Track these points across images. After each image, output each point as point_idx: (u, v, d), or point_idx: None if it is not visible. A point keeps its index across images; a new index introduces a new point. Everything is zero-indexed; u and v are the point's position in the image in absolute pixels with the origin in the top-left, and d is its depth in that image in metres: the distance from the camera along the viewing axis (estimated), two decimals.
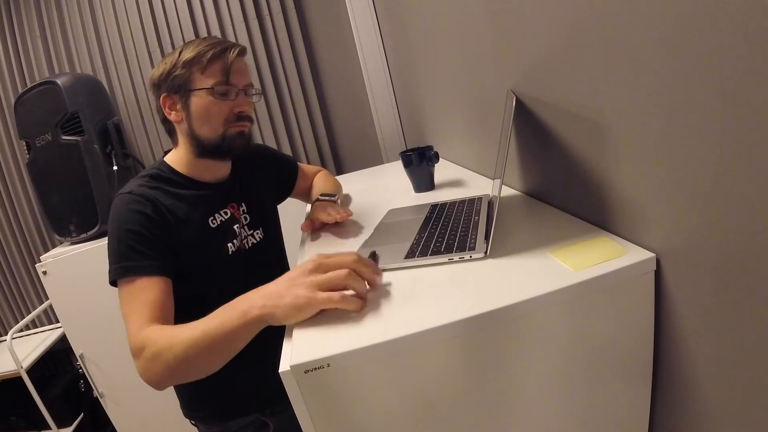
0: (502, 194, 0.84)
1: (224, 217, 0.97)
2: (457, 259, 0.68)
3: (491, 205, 0.86)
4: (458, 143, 1.35)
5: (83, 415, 2.10)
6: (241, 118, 0.92)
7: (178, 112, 0.91)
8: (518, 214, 0.84)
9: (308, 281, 0.59)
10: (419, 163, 1.15)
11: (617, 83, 0.56)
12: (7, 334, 1.94)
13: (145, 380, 0.72)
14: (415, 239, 0.78)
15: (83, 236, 1.85)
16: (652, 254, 0.57)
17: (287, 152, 2.24)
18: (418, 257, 0.70)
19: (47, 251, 1.99)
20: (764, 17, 0.36)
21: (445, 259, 0.68)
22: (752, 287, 0.44)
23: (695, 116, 0.46)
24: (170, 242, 0.86)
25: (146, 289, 0.79)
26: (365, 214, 1.08)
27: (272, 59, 2.16)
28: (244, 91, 0.92)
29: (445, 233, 0.77)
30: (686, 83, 0.46)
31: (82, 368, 1.86)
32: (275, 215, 1.14)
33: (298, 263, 0.85)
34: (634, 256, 0.57)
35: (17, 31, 2.11)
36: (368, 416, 0.54)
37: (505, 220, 0.81)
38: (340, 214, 0.99)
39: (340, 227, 1.01)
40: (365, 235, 0.91)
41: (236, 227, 0.98)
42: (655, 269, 0.57)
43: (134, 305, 0.77)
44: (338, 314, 0.60)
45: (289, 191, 1.25)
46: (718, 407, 0.53)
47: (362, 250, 0.81)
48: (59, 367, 2.31)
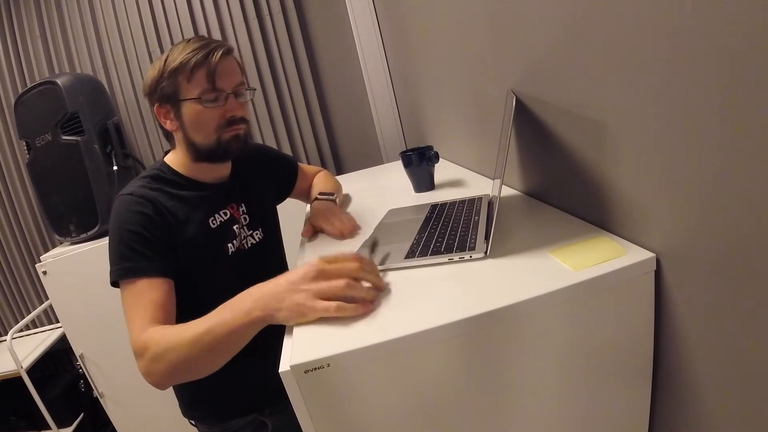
0: (502, 194, 0.84)
1: (224, 217, 0.97)
2: (457, 259, 0.68)
3: (491, 205, 0.86)
4: (458, 143, 1.35)
5: (83, 415, 2.10)
6: (233, 122, 0.90)
7: (172, 121, 0.91)
8: (518, 214, 0.84)
9: (309, 289, 0.60)
10: (419, 163, 1.15)
11: (617, 83, 0.56)
12: (7, 334, 1.94)
13: (148, 381, 0.73)
14: (415, 239, 0.78)
15: (83, 236, 1.85)
16: (652, 254, 0.57)
17: (287, 152, 2.24)
18: (418, 257, 0.70)
19: (47, 251, 1.99)
20: (764, 17, 0.36)
21: (445, 259, 0.68)
22: (752, 287, 0.44)
23: (695, 116, 0.46)
24: (171, 243, 0.86)
25: (148, 290, 0.79)
26: (365, 214, 1.08)
27: (272, 59, 2.16)
28: (234, 92, 0.90)
29: (445, 233, 0.77)
30: (686, 83, 0.46)
31: (82, 368, 1.86)
32: (275, 215, 1.14)
33: (297, 263, 0.85)
34: (634, 256, 0.57)
35: (17, 31, 2.11)
36: (368, 416, 0.54)
37: (505, 220, 0.81)
38: (345, 225, 0.96)
39: None
40: (365, 235, 0.91)
41: (236, 228, 0.98)
42: (655, 269, 0.57)
43: (136, 306, 0.78)
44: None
45: (289, 191, 1.25)
46: (718, 407, 0.53)
47: (362, 249, 0.81)
48: (59, 367, 2.31)
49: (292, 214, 1.32)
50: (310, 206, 1.18)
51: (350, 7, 2.04)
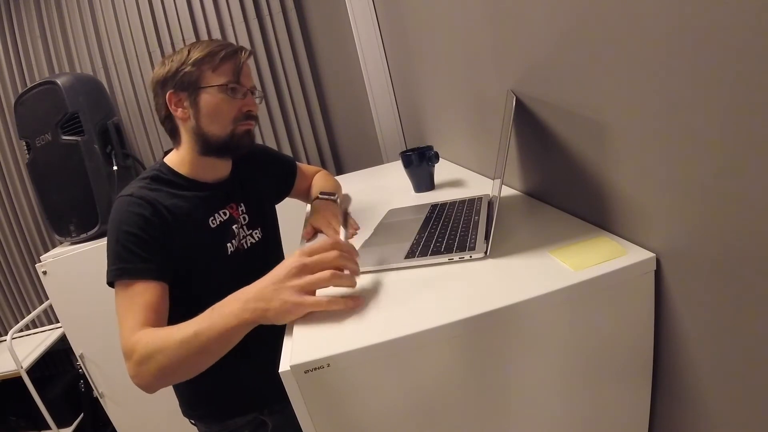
0: (502, 194, 0.84)
1: (223, 217, 0.97)
2: (457, 259, 0.68)
3: (491, 205, 0.86)
4: (458, 143, 1.35)
5: (83, 415, 2.10)
6: (249, 116, 0.93)
7: (185, 109, 0.91)
8: (518, 214, 0.84)
9: (294, 285, 0.60)
10: (419, 163, 1.15)
11: (617, 83, 0.56)
12: (7, 334, 1.94)
13: (136, 382, 0.72)
14: (415, 239, 0.78)
15: (83, 236, 1.85)
16: (652, 254, 0.57)
17: (287, 152, 2.24)
18: (418, 257, 0.70)
19: (47, 251, 1.99)
20: (764, 17, 0.36)
21: (445, 259, 0.68)
22: (752, 287, 0.44)
23: (695, 116, 0.46)
24: (169, 244, 0.86)
25: (141, 292, 0.79)
26: (365, 214, 1.08)
27: (272, 59, 2.16)
28: (251, 91, 0.94)
29: (445, 233, 0.77)
30: (686, 83, 0.46)
31: (82, 368, 1.86)
32: (274, 215, 1.14)
33: None
34: (634, 256, 0.57)
35: (17, 31, 2.11)
36: (368, 416, 0.54)
37: (505, 220, 0.81)
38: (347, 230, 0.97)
39: None
40: (365, 235, 0.91)
41: (235, 227, 0.98)
42: (655, 269, 0.57)
43: (129, 308, 0.78)
44: (338, 314, 0.60)
45: (287, 191, 1.25)
46: (718, 407, 0.53)
47: (361, 249, 0.81)
48: (59, 367, 2.31)
49: (291, 213, 1.32)
50: (310, 206, 1.18)
51: (350, 7, 2.04)
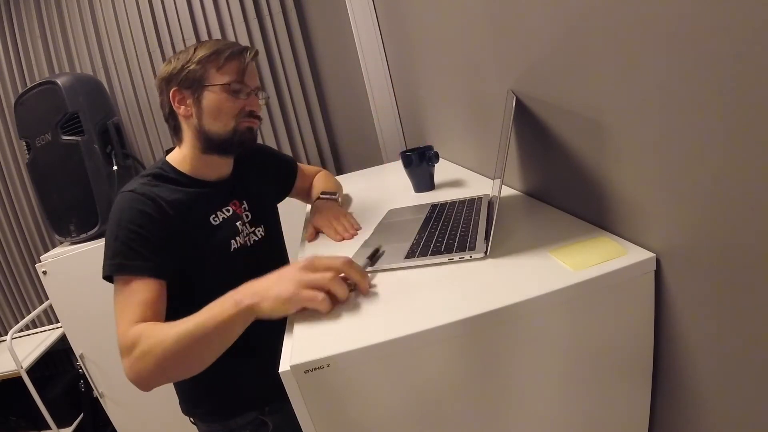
0: (502, 194, 0.84)
1: (226, 214, 0.97)
2: (457, 259, 0.68)
3: (491, 205, 0.86)
4: (458, 143, 1.35)
5: (83, 415, 2.10)
6: (251, 115, 0.94)
7: (188, 106, 0.91)
8: (518, 214, 0.84)
9: (296, 278, 0.61)
10: (419, 163, 1.15)
11: (617, 83, 0.56)
12: (7, 334, 1.94)
13: (131, 379, 0.72)
14: (415, 239, 0.78)
15: (83, 236, 1.85)
16: (652, 254, 0.57)
17: (287, 152, 2.24)
18: (418, 257, 0.70)
19: (47, 251, 1.99)
20: (764, 17, 0.36)
21: (445, 259, 0.68)
22: (752, 287, 0.44)
23: (695, 116, 0.46)
24: (171, 241, 0.86)
25: (140, 290, 0.79)
26: (365, 214, 1.08)
27: (272, 59, 2.16)
28: (255, 92, 0.94)
29: (445, 233, 0.77)
30: (686, 83, 0.46)
31: (82, 368, 1.86)
32: (276, 213, 1.15)
33: (299, 259, 0.85)
34: (634, 256, 0.57)
35: (17, 31, 2.11)
36: (368, 416, 0.54)
37: (505, 220, 0.81)
38: (347, 231, 0.96)
39: None
40: (365, 235, 0.91)
41: (239, 224, 0.98)
42: (655, 269, 0.57)
43: (126, 305, 0.78)
44: (338, 314, 0.60)
45: (288, 190, 1.25)
46: (718, 407, 0.53)
47: (363, 249, 0.81)
48: (59, 367, 2.31)
49: (293, 212, 1.32)
50: (311, 206, 1.18)
51: (350, 7, 2.04)
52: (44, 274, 1.77)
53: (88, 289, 1.74)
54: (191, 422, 1.06)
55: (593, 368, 0.59)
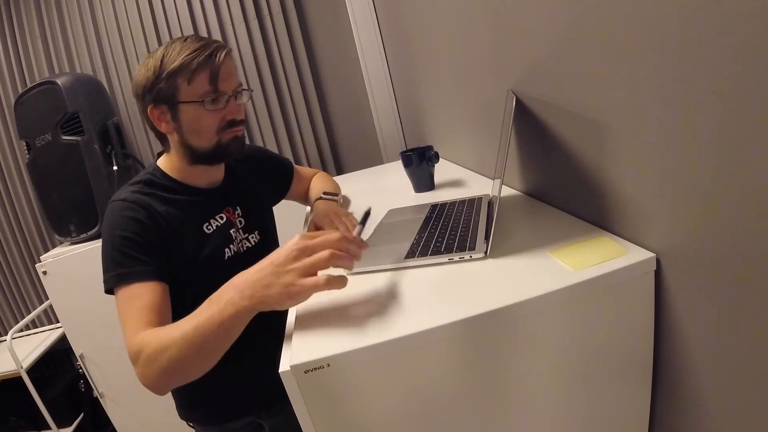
0: (502, 194, 0.84)
1: (220, 222, 0.96)
2: (457, 259, 0.68)
3: (491, 205, 0.86)
4: (458, 143, 1.35)
5: (83, 415, 2.10)
6: (233, 123, 0.89)
7: (168, 123, 0.87)
8: (518, 214, 0.84)
9: (294, 268, 0.58)
10: (419, 163, 1.15)
11: (617, 83, 0.56)
12: (7, 334, 1.94)
13: (145, 384, 0.71)
14: (415, 239, 0.78)
15: (83, 236, 1.85)
16: (652, 254, 0.57)
17: (287, 152, 2.24)
18: (418, 257, 0.70)
19: (47, 251, 1.99)
20: (764, 17, 0.36)
21: (445, 259, 0.68)
22: (752, 287, 0.44)
23: (695, 116, 0.46)
24: (165, 248, 0.85)
25: (142, 294, 0.78)
26: None
27: (272, 59, 2.16)
28: (234, 95, 0.89)
29: (445, 233, 0.77)
30: (686, 83, 0.46)
31: (82, 368, 1.86)
32: (271, 218, 1.14)
33: None
34: (634, 256, 0.57)
35: (17, 31, 2.11)
36: (368, 416, 0.54)
37: (505, 220, 0.81)
38: (348, 230, 0.93)
39: None
40: (365, 235, 0.91)
41: (232, 231, 0.97)
42: (655, 269, 0.57)
43: (130, 311, 0.76)
44: (338, 314, 0.60)
45: (284, 192, 1.24)
46: (718, 407, 0.53)
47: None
48: (59, 367, 2.31)
49: (289, 215, 1.32)
50: (312, 206, 1.18)
51: (350, 7, 2.04)
52: (44, 274, 1.76)
53: (88, 289, 1.73)
54: (189, 425, 1.06)
55: (593, 368, 0.59)
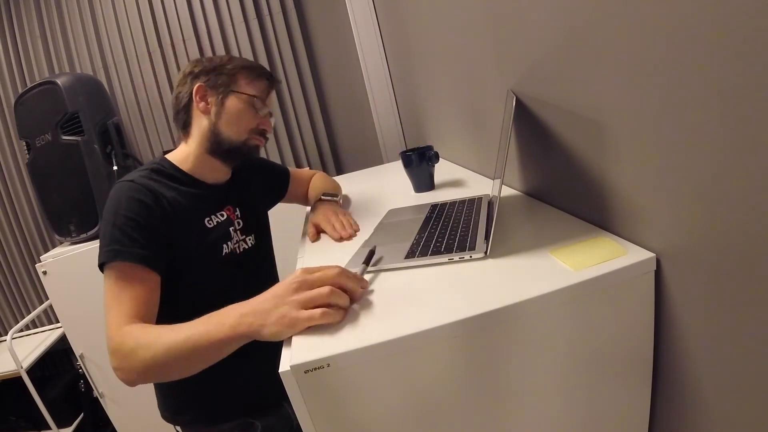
0: (502, 194, 0.84)
1: (221, 218, 0.97)
2: (457, 259, 0.68)
3: (491, 205, 0.86)
4: (458, 143, 1.35)
5: (83, 415, 2.10)
6: (263, 133, 0.99)
7: (208, 104, 0.94)
8: (518, 214, 0.84)
9: (292, 300, 0.59)
10: (419, 163, 1.15)
11: (617, 83, 0.56)
12: (7, 334, 1.94)
13: (119, 375, 0.71)
14: (415, 239, 0.78)
15: (83, 236, 1.85)
16: (652, 254, 0.57)
17: (287, 153, 2.24)
18: (418, 257, 0.70)
19: (47, 251, 1.99)
20: (764, 17, 0.36)
21: (445, 259, 0.68)
22: (752, 287, 0.44)
23: (695, 116, 0.46)
24: (167, 236, 0.85)
25: (134, 280, 0.77)
26: (365, 214, 1.08)
27: (272, 59, 2.16)
28: (270, 115, 1.01)
29: (445, 233, 0.77)
30: (686, 83, 0.46)
31: (82, 368, 1.86)
32: (267, 223, 1.15)
33: (297, 266, 0.85)
34: (634, 256, 0.57)
35: (17, 31, 2.11)
36: (368, 416, 0.54)
37: (505, 220, 0.81)
38: (346, 230, 0.96)
39: None
40: (365, 235, 0.91)
41: (231, 230, 0.99)
42: (655, 269, 0.57)
43: (119, 298, 0.76)
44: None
45: (280, 196, 1.25)
46: (718, 407, 0.53)
47: (362, 249, 0.81)
48: (59, 367, 2.31)
49: (286, 220, 1.32)
50: (312, 207, 1.18)
51: (350, 7, 2.04)
52: (44, 274, 1.77)
53: (88, 289, 1.74)
54: (176, 430, 1.04)
55: (593, 368, 0.59)
